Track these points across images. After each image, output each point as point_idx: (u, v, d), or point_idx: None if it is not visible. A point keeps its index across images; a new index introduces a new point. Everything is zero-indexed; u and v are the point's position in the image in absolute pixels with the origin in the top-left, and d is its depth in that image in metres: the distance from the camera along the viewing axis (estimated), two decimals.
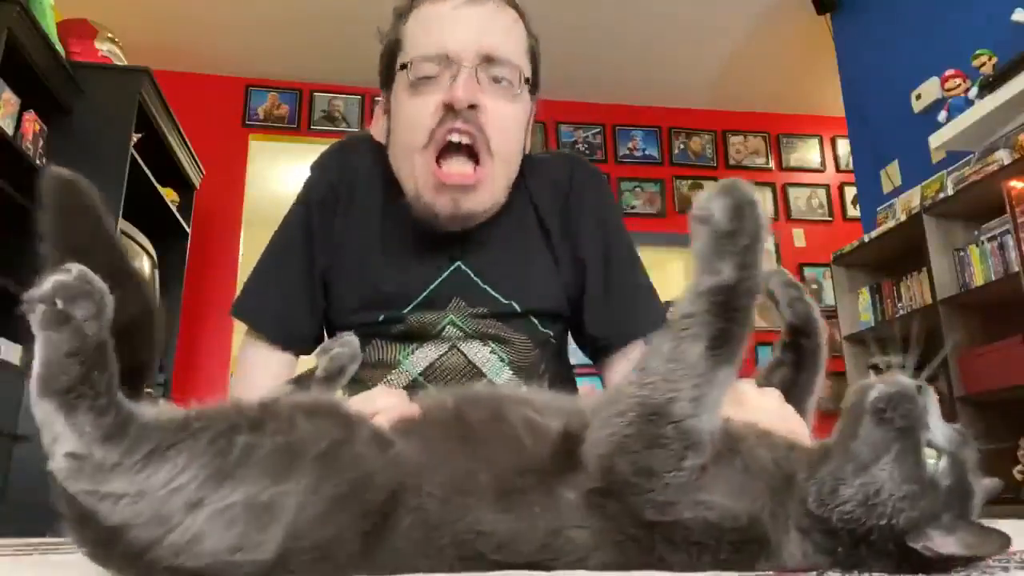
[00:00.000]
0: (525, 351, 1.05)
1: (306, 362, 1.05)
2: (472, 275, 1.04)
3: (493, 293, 1.03)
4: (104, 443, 0.48)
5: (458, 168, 0.96)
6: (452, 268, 1.03)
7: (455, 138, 0.95)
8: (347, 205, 1.06)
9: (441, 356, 1.02)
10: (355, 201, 1.06)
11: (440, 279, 1.03)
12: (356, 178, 1.08)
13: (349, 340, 0.80)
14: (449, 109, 0.95)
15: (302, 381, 0.79)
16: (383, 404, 0.66)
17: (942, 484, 0.52)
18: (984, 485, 0.56)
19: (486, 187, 0.99)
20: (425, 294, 1.02)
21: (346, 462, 0.52)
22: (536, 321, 1.05)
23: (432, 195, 0.97)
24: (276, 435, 0.51)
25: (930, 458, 0.53)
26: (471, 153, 0.97)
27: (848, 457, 0.52)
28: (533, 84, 1.06)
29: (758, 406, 0.65)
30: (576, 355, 1.17)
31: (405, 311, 1.01)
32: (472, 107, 0.94)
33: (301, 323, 1.05)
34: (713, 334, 0.55)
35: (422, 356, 1.02)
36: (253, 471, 0.49)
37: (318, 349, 0.81)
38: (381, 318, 1.01)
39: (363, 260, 1.04)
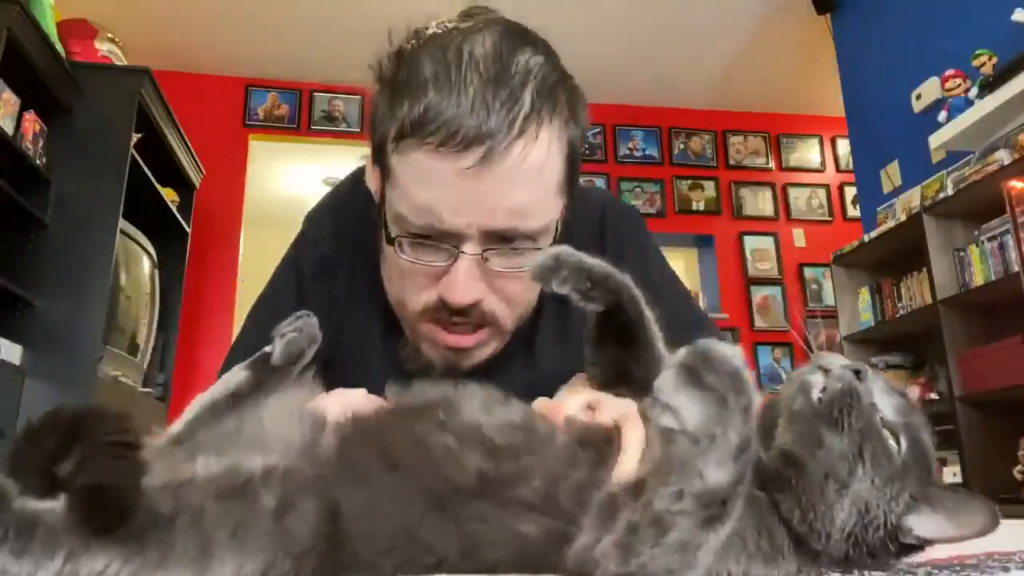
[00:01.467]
0: None
1: None
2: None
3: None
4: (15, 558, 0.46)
5: (459, 335, 0.81)
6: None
7: (453, 341, 0.81)
8: (344, 277, 0.93)
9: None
10: (351, 276, 0.93)
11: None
12: (352, 252, 0.93)
13: (306, 321, 0.74)
14: (443, 306, 0.78)
15: (258, 367, 0.73)
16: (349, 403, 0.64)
17: (907, 461, 0.52)
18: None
19: (492, 343, 0.84)
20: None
21: (255, 542, 0.51)
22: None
23: (429, 349, 0.83)
24: (189, 530, 0.49)
25: (890, 440, 0.52)
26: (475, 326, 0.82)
27: (823, 472, 0.50)
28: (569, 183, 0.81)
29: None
30: None
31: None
32: (474, 305, 0.77)
33: None
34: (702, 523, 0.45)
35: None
36: (173, 571, 0.48)
37: (274, 330, 0.74)
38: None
39: (358, 353, 0.91)
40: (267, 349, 0.73)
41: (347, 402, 0.68)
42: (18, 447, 0.50)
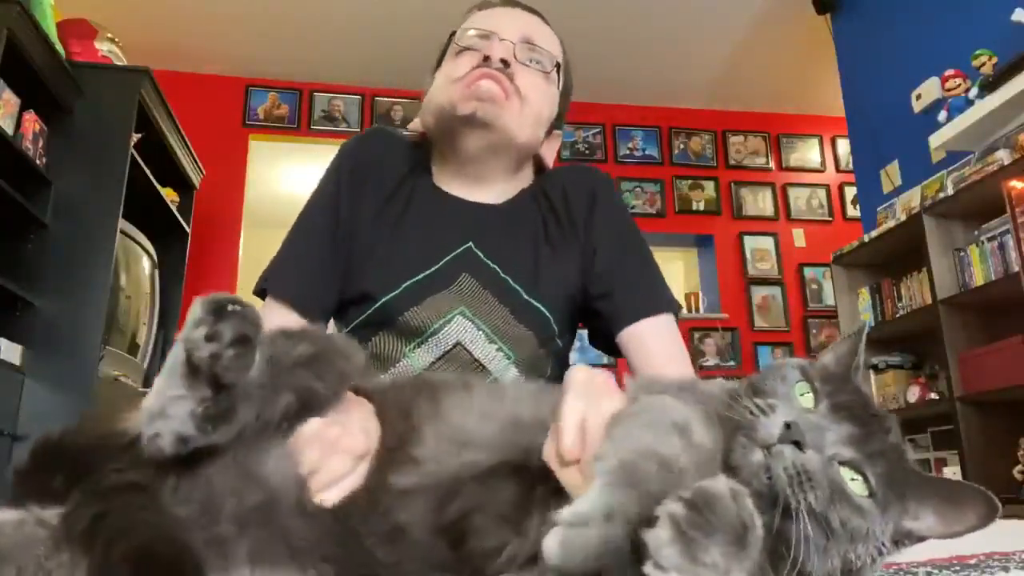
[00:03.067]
0: (530, 349, 1.04)
1: None
2: (483, 256, 1.06)
3: (502, 274, 1.05)
4: None
5: (489, 83, 1.04)
6: (464, 247, 1.06)
7: (485, 84, 1.03)
8: (375, 181, 1.11)
9: (446, 352, 1.01)
10: (381, 179, 1.11)
11: (451, 255, 1.05)
12: (384, 158, 1.14)
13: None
14: (485, 60, 1.05)
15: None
16: (335, 468, 0.58)
17: (882, 490, 0.49)
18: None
19: (512, 110, 1.05)
20: (436, 267, 1.04)
21: None
22: (544, 310, 1.05)
23: (458, 102, 1.04)
24: None
25: (858, 487, 0.48)
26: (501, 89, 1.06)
27: (795, 556, 0.46)
28: (564, 87, 1.18)
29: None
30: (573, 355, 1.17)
31: (411, 280, 1.02)
32: (506, 64, 1.05)
33: (317, 286, 1.06)
34: None
35: (426, 351, 1.01)
36: None
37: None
38: (387, 298, 1.02)
39: (380, 232, 1.08)
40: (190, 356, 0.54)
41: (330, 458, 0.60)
42: (19, 479, 0.50)
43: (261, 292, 1.07)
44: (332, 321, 1.10)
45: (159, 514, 0.45)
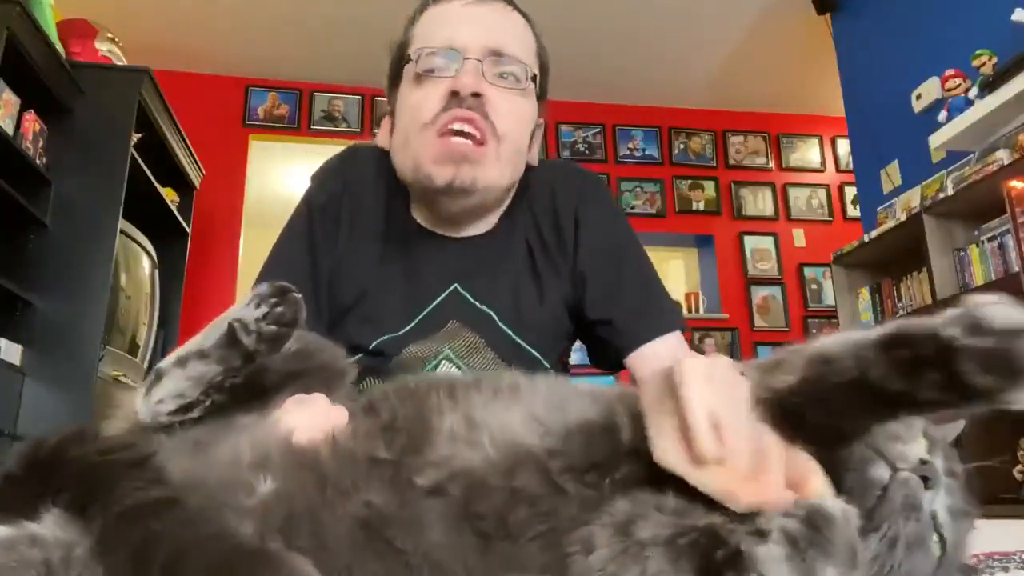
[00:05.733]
0: None
1: None
2: (470, 297, 1.01)
3: (490, 313, 1.01)
4: None
5: (461, 140, 0.94)
6: (450, 289, 1.01)
7: (458, 126, 0.93)
8: (349, 216, 1.03)
9: None
10: (356, 213, 1.04)
11: (437, 301, 1.01)
12: (357, 190, 1.05)
13: (291, 297, 0.62)
14: (454, 96, 0.93)
15: (224, 353, 0.60)
16: (302, 422, 0.57)
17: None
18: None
19: (490, 162, 0.95)
20: (422, 315, 1.00)
21: None
22: (535, 352, 1.01)
23: (432, 166, 0.94)
24: None
25: (936, 547, 0.47)
26: (475, 140, 0.95)
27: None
28: (541, 90, 1.04)
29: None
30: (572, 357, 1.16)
31: (400, 333, 0.99)
32: (477, 96, 0.93)
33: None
34: None
35: None
36: None
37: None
38: (373, 345, 0.98)
39: (361, 277, 1.02)
40: (234, 326, 0.61)
41: (312, 420, 0.60)
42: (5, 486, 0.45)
43: None
44: None
45: (208, 525, 0.42)
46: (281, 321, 0.58)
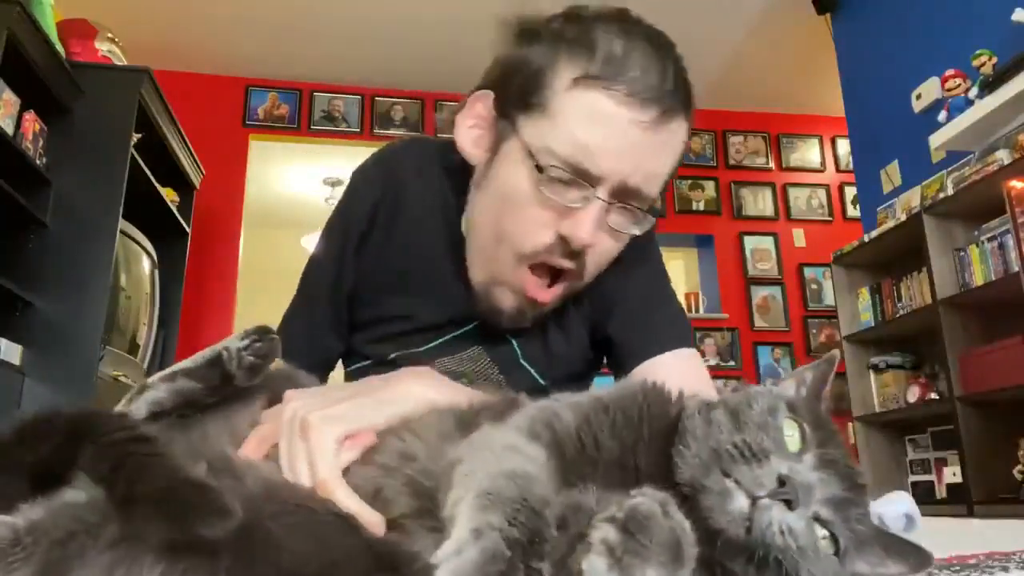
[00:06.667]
0: None
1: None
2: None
3: (520, 357, 0.98)
4: None
5: (543, 287, 0.88)
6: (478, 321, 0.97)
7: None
8: (386, 225, 0.99)
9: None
10: (395, 223, 0.99)
11: (465, 329, 0.98)
12: (399, 197, 0.99)
13: (268, 343, 0.70)
14: (564, 242, 0.83)
15: (204, 375, 0.69)
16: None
17: (845, 547, 0.48)
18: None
19: (557, 298, 0.91)
20: (445, 339, 0.98)
21: None
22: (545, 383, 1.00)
23: (504, 294, 0.89)
24: None
25: (827, 545, 0.47)
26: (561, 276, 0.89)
27: None
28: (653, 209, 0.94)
29: None
30: None
31: (420, 350, 0.98)
32: (584, 248, 0.84)
33: (327, 348, 1.03)
34: None
35: None
36: None
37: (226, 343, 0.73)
38: (392, 356, 0.97)
39: (391, 285, 0.99)
40: (221, 352, 0.69)
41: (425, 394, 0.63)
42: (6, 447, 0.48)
43: None
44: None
45: (176, 460, 0.48)
46: (258, 354, 0.68)
